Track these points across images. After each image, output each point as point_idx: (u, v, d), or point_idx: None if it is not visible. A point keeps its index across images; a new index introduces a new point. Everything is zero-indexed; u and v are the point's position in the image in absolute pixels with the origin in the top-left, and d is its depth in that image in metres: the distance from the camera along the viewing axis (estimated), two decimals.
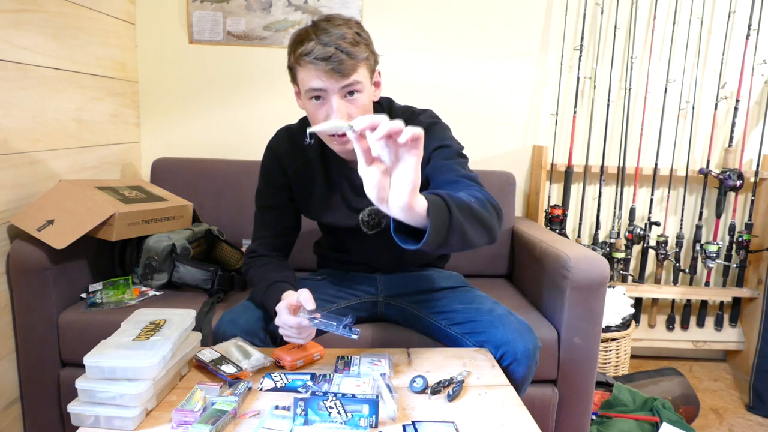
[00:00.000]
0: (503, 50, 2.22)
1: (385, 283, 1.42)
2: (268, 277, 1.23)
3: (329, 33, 1.05)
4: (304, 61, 1.06)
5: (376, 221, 1.29)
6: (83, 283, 1.58)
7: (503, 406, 0.99)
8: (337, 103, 1.08)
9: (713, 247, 2.20)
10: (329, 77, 1.05)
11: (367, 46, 1.10)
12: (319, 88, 1.07)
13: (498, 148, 2.28)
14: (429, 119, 1.24)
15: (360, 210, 1.28)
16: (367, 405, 0.88)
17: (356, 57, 1.06)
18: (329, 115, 1.10)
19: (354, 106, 1.10)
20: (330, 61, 1.04)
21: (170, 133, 2.21)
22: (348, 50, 1.05)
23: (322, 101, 1.10)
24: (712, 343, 2.38)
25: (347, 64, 1.05)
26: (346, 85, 1.07)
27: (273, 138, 1.32)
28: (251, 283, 1.29)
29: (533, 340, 1.19)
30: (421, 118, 1.24)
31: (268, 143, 1.32)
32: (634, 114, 2.26)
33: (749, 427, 1.93)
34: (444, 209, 0.87)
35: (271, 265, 1.28)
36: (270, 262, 1.30)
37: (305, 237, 1.51)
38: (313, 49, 1.04)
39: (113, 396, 0.89)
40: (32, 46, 1.56)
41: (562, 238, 1.76)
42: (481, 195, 1.02)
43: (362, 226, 1.29)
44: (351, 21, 1.10)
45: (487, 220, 0.98)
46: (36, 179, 1.60)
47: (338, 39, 1.05)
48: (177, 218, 1.73)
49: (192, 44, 2.16)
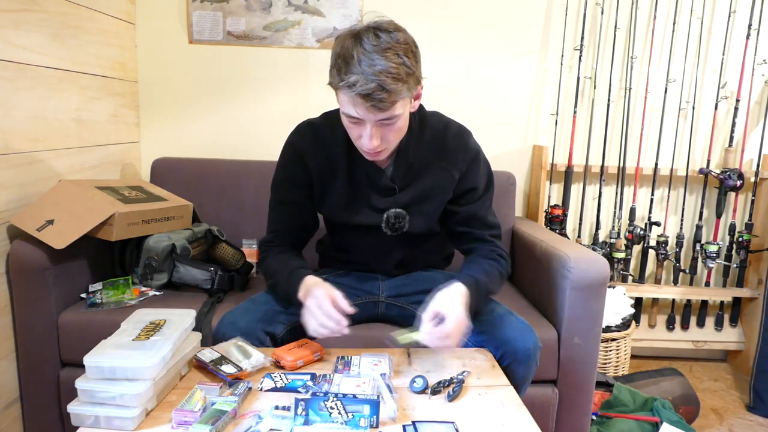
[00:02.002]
0: (503, 50, 2.22)
1: (387, 283, 1.42)
2: (288, 264, 1.25)
3: (373, 62, 1.00)
4: (344, 90, 1.04)
5: (401, 224, 1.30)
6: (83, 283, 1.58)
7: (503, 406, 0.99)
8: (370, 132, 1.08)
9: (713, 247, 2.20)
10: (367, 111, 1.04)
11: (411, 75, 1.05)
12: (356, 116, 1.07)
13: (498, 148, 2.27)
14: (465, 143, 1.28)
15: (382, 210, 1.28)
16: (368, 405, 0.88)
17: (398, 95, 1.03)
18: (363, 137, 1.10)
19: (389, 131, 1.11)
20: (370, 98, 1.01)
21: (170, 133, 2.21)
22: (390, 88, 1.01)
23: (357, 124, 1.10)
24: (712, 343, 2.38)
25: (387, 102, 1.03)
26: (383, 118, 1.06)
27: (293, 132, 1.31)
28: (268, 270, 1.30)
29: (533, 340, 1.19)
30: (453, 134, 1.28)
31: (289, 138, 1.31)
32: (634, 114, 2.26)
33: (749, 427, 1.93)
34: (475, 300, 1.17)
35: (288, 254, 1.30)
36: (286, 251, 1.32)
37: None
38: (356, 83, 1.00)
39: (113, 396, 0.89)
40: (32, 46, 1.56)
41: (562, 238, 1.76)
42: (496, 269, 1.27)
43: (385, 227, 1.30)
44: (400, 43, 1.04)
45: (494, 294, 1.28)
46: (36, 179, 1.60)
47: (383, 73, 1.00)
48: (177, 218, 1.73)
49: (192, 44, 2.16)
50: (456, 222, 1.32)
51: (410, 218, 1.29)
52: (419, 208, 1.29)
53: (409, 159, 1.25)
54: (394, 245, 1.35)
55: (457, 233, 1.34)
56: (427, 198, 1.28)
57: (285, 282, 1.22)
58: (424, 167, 1.26)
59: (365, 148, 1.12)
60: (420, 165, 1.26)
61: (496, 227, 1.33)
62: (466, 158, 1.27)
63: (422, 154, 1.25)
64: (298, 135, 1.30)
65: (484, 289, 1.22)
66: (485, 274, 1.23)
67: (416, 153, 1.25)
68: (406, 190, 1.27)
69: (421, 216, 1.30)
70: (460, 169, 1.26)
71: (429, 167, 1.26)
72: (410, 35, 1.09)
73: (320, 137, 1.27)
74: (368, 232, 1.31)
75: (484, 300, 1.23)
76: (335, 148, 1.26)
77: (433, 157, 1.26)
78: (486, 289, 1.23)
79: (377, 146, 1.10)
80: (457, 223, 1.32)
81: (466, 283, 1.16)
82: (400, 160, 1.25)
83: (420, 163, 1.26)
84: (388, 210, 1.28)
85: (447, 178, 1.26)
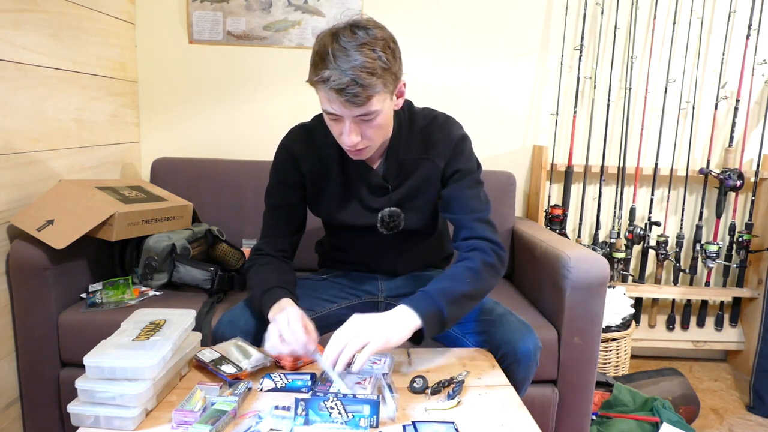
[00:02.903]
0: (503, 50, 2.22)
1: (386, 283, 1.42)
2: (267, 280, 1.22)
3: (349, 57, 1.00)
4: (320, 86, 1.04)
5: (396, 222, 1.29)
6: (83, 283, 1.58)
7: (503, 406, 0.99)
8: (349, 128, 1.08)
9: (713, 247, 2.20)
10: (342, 106, 1.04)
11: (387, 70, 1.04)
12: (333, 113, 1.07)
13: (498, 148, 2.28)
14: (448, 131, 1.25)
15: (376, 210, 1.28)
16: (368, 405, 0.88)
17: (372, 89, 1.02)
18: (343, 133, 1.09)
19: (368, 127, 1.10)
20: (344, 93, 1.01)
21: (170, 133, 2.21)
22: (364, 82, 1.00)
23: (337, 121, 1.09)
24: (712, 343, 2.38)
25: (362, 97, 1.02)
26: (360, 114, 1.06)
27: (286, 136, 1.31)
28: (249, 282, 1.28)
29: (533, 340, 1.19)
30: (438, 125, 1.26)
31: (282, 142, 1.30)
32: (634, 114, 2.26)
33: (749, 427, 1.93)
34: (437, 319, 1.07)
35: (272, 266, 1.27)
36: (271, 262, 1.28)
37: (307, 236, 1.51)
38: (329, 78, 1.00)
39: (113, 396, 0.89)
40: (32, 46, 1.56)
41: (562, 238, 1.76)
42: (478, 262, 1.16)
43: (380, 226, 1.29)
44: (376, 39, 1.03)
45: (480, 291, 1.16)
46: (36, 179, 1.60)
47: (356, 68, 1.00)
48: (177, 218, 1.73)
49: (192, 44, 2.16)
50: (443, 208, 1.28)
51: (405, 215, 1.29)
52: (412, 204, 1.28)
53: (400, 157, 1.25)
54: (391, 244, 1.35)
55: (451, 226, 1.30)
56: (418, 193, 1.27)
57: (258, 300, 1.19)
58: (414, 163, 1.25)
59: (346, 144, 1.12)
60: (410, 162, 1.25)
61: (481, 211, 1.23)
62: (449, 145, 1.24)
63: (412, 150, 1.25)
64: (290, 138, 1.30)
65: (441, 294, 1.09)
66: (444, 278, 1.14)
67: (406, 150, 1.25)
68: (399, 188, 1.27)
69: (415, 212, 1.29)
70: (445, 157, 1.25)
71: (418, 162, 1.25)
72: (390, 32, 1.09)
73: (312, 140, 1.27)
74: (364, 232, 1.31)
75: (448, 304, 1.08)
76: (327, 150, 1.25)
77: (421, 151, 1.25)
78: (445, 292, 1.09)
79: (357, 143, 1.10)
80: (443, 209, 1.27)
81: (409, 298, 1.09)
82: (391, 159, 1.25)
83: (410, 160, 1.25)
84: (382, 210, 1.28)
85: (433, 168, 1.25)
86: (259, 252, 1.31)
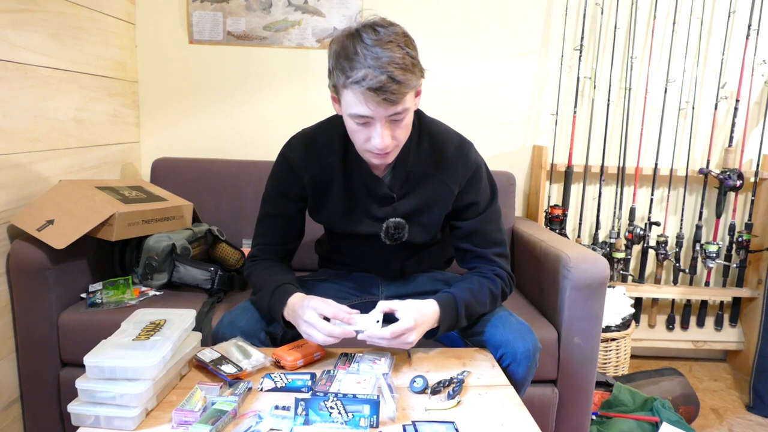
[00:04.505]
0: (503, 50, 2.22)
1: (386, 284, 1.42)
2: (271, 280, 1.21)
3: (379, 56, 0.98)
4: (353, 87, 1.00)
5: (401, 234, 1.26)
6: (83, 283, 1.58)
7: (503, 406, 0.99)
8: (381, 130, 1.05)
9: (713, 247, 2.20)
10: (378, 106, 1.00)
11: (415, 65, 1.03)
12: (366, 115, 1.03)
13: (498, 148, 2.28)
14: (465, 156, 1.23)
15: (379, 219, 1.25)
16: (368, 405, 0.88)
17: (407, 85, 1.00)
18: (373, 137, 1.06)
19: (398, 128, 1.07)
20: (382, 91, 0.98)
21: (170, 133, 2.21)
22: (400, 79, 0.98)
23: (366, 125, 1.06)
24: (712, 343, 2.38)
25: (398, 94, 0.99)
26: (392, 114, 1.03)
27: (286, 145, 1.27)
28: (254, 287, 1.27)
29: (533, 341, 1.19)
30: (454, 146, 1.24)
31: (282, 151, 1.27)
32: (634, 114, 2.26)
33: (749, 427, 1.93)
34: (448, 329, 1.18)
35: (274, 268, 1.27)
36: (273, 265, 1.28)
37: (306, 236, 1.51)
38: (365, 77, 0.97)
39: (113, 396, 0.89)
40: (32, 46, 1.56)
41: (562, 238, 1.76)
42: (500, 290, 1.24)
43: (384, 237, 1.26)
44: (399, 35, 1.02)
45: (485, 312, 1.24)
46: (36, 179, 1.60)
47: (390, 64, 0.98)
48: (177, 218, 1.73)
49: (192, 44, 2.16)
50: (459, 237, 1.29)
51: (410, 228, 1.26)
52: (418, 219, 1.26)
53: (408, 167, 1.21)
54: (394, 254, 1.33)
55: (460, 250, 1.31)
56: (426, 209, 1.25)
57: (267, 298, 1.19)
58: (423, 177, 1.23)
59: (378, 147, 1.07)
60: (418, 174, 1.22)
61: (501, 245, 1.27)
62: (466, 173, 1.22)
63: (421, 163, 1.22)
64: (290, 148, 1.26)
65: (464, 307, 1.17)
66: (470, 292, 1.19)
67: (415, 162, 1.22)
68: (405, 199, 1.24)
69: (420, 227, 1.27)
70: (460, 183, 1.22)
71: (427, 177, 1.23)
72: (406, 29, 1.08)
73: (314, 148, 1.23)
74: (367, 240, 1.29)
75: (464, 318, 1.18)
76: (330, 158, 1.22)
77: (431, 167, 1.22)
78: (468, 308, 1.18)
79: (389, 145, 1.07)
80: (459, 238, 1.28)
81: (441, 300, 1.15)
82: (399, 169, 1.21)
83: (418, 173, 1.22)
84: (387, 219, 1.25)
85: (445, 191, 1.23)
86: (255, 259, 1.30)
